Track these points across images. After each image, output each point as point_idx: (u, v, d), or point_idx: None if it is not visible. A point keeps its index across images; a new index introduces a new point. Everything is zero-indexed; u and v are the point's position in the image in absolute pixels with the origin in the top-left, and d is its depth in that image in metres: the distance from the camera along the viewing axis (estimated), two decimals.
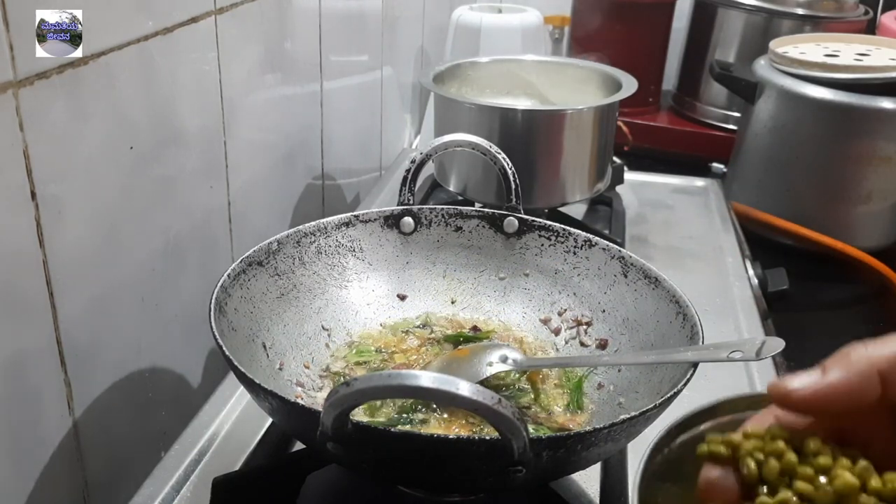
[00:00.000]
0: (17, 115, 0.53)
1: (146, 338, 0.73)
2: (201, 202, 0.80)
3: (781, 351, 0.52)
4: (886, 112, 1.20)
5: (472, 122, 0.98)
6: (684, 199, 1.23)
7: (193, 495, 0.63)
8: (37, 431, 0.60)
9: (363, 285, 0.76)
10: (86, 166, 0.61)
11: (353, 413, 0.46)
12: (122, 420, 0.71)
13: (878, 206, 1.27)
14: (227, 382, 0.76)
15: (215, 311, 0.59)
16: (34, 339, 0.59)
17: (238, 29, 0.81)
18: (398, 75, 1.43)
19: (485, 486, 0.55)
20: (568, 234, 0.75)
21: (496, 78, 1.13)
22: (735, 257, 1.04)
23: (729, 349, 0.54)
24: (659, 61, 1.73)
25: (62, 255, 0.59)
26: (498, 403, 0.43)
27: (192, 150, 0.77)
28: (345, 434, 0.47)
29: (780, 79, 1.28)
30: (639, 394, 0.63)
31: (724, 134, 1.61)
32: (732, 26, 1.61)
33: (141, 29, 0.65)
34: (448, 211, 0.78)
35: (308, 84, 1.03)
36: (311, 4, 1.00)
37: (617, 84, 1.04)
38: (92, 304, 0.64)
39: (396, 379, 0.44)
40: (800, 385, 0.32)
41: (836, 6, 1.55)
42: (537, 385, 0.68)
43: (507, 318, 0.76)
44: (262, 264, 0.68)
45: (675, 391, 0.53)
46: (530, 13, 1.40)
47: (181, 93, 0.73)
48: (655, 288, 0.67)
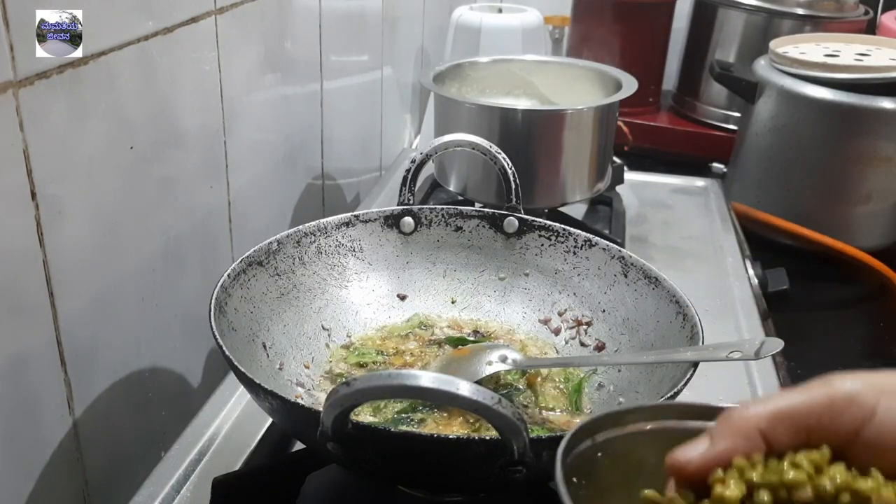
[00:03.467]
0: (18, 115, 0.53)
1: (146, 337, 0.73)
2: (201, 202, 0.80)
3: (781, 351, 0.52)
4: (886, 112, 1.20)
5: (472, 122, 0.98)
6: (684, 199, 1.23)
7: (193, 495, 0.63)
8: (37, 431, 0.60)
9: (363, 285, 0.76)
10: (86, 166, 0.61)
11: (358, 413, 0.46)
12: (122, 420, 0.71)
13: (878, 206, 1.27)
14: (227, 382, 0.76)
15: (215, 310, 0.59)
16: (34, 339, 0.59)
17: (238, 29, 0.81)
18: (398, 75, 1.43)
19: (485, 486, 0.55)
20: (568, 234, 0.75)
21: (496, 78, 1.13)
22: (735, 257, 1.04)
23: (728, 349, 0.54)
24: (659, 61, 1.72)
25: (62, 255, 0.59)
26: (498, 403, 0.43)
27: (192, 150, 0.77)
28: (345, 434, 0.47)
29: (780, 79, 1.28)
30: (639, 394, 0.64)
31: (724, 134, 1.60)
32: (732, 26, 1.60)
33: (141, 29, 0.65)
34: (448, 211, 0.78)
35: (308, 84, 1.03)
36: (311, 4, 1.00)
37: (617, 84, 1.04)
38: (92, 303, 0.64)
39: (396, 379, 0.44)
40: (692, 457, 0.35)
41: (836, 6, 1.55)
42: (536, 385, 0.68)
43: (507, 318, 0.76)
44: (262, 264, 0.68)
45: (675, 391, 0.53)
46: (530, 13, 1.40)
47: (181, 93, 0.73)
48: (655, 288, 0.67)
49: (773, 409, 0.35)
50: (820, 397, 0.34)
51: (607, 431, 0.39)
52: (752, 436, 0.34)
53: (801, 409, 0.34)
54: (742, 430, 0.35)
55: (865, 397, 0.34)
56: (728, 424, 0.35)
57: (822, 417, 0.34)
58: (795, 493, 0.33)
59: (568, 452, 0.37)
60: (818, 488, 0.33)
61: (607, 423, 0.39)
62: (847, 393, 0.34)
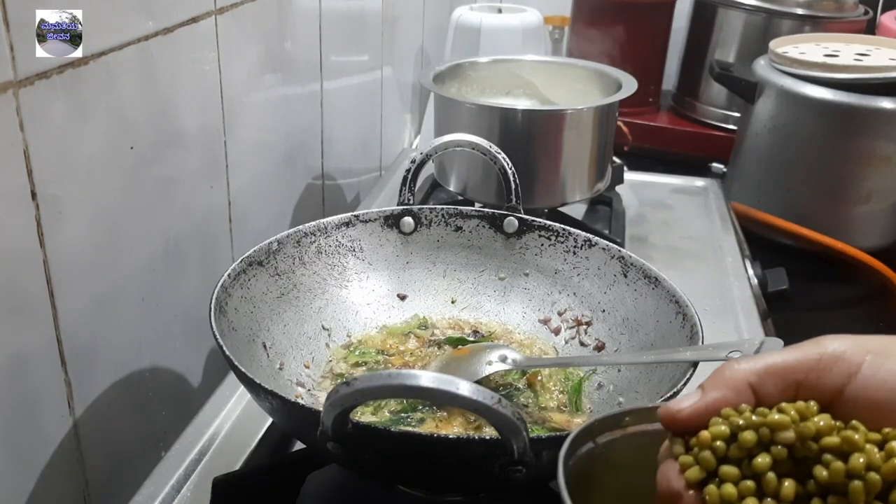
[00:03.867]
0: (18, 115, 0.53)
1: (146, 337, 0.73)
2: (201, 202, 0.80)
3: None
4: (886, 112, 1.20)
5: (472, 122, 0.98)
6: (684, 199, 1.23)
7: (193, 495, 0.63)
8: (37, 431, 0.60)
9: (363, 285, 0.76)
10: (86, 166, 0.61)
11: (359, 412, 0.46)
12: (122, 420, 0.71)
13: (878, 206, 1.27)
14: (227, 382, 0.76)
15: (215, 310, 0.59)
16: (34, 339, 0.59)
17: (238, 29, 0.81)
18: (398, 75, 1.43)
19: (485, 486, 0.55)
20: (568, 234, 0.75)
21: (496, 78, 1.13)
22: (735, 257, 1.04)
23: (728, 349, 0.54)
24: (659, 61, 1.72)
25: (62, 255, 0.59)
26: (498, 403, 0.43)
27: (192, 150, 0.77)
28: (345, 434, 0.47)
29: (780, 79, 1.28)
30: (639, 393, 0.64)
31: (724, 134, 1.60)
32: (732, 26, 1.61)
33: (141, 29, 0.65)
34: (448, 211, 0.78)
35: (308, 84, 1.03)
36: (311, 4, 1.00)
37: (617, 84, 1.04)
38: (92, 303, 0.64)
39: (396, 379, 0.44)
40: (683, 406, 0.36)
41: (836, 6, 1.55)
42: (536, 385, 0.68)
43: (506, 318, 0.77)
44: (262, 264, 0.68)
45: (675, 391, 0.53)
46: (530, 13, 1.40)
47: (181, 93, 0.73)
48: (655, 288, 0.67)
49: (764, 364, 0.36)
50: (810, 354, 0.36)
51: (608, 433, 0.39)
52: (742, 388, 0.36)
53: (791, 365, 0.36)
54: (732, 382, 0.36)
55: (852, 355, 0.35)
56: (719, 377, 0.36)
57: (811, 373, 0.35)
58: (779, 434, 0.33)
59: (570, 455, 0.37)
60: (801, 431, 0.33)
61: (608, 425, 0.39)
62: (835, 351, 0.35)
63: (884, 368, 0.34)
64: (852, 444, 0.32)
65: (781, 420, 0.33)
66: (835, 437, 0.33)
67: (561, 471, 0.35)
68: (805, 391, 0.35)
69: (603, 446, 0.39)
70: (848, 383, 0.35)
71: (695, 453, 0.35)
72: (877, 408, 0.34)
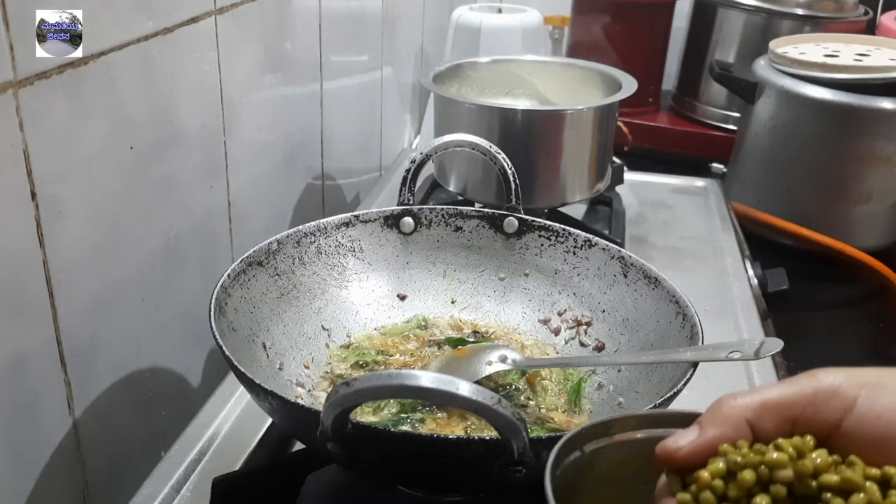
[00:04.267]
0: (17, 115, 0.53)
1: (146, 337, 0.73)
2: (201, 202, 0.80)
3: (780, 351, 0.52)
4: (886, 112, 1.20)
5: (472, 122, 0.98)
6: (684, 199, 1.23)
7: (193, 495, 0.63)
8: (37, 431, 0.60)
9: (363, 285, 0.76)
10: (86, 166, 0.61)
11: (359, 412, 0.46)
12: (122, 420, 0.71)
13: (877, 206, 1.27)
14: (227, 382, 0.76)
15: (215, 311, 0.59)
16: (34, 339, 0.59)
17: (238, 29, 0.81)
18: (398, 75, 1.43)
19: (485, 486, 0.55)
20: (568, 234, 0.75)
21: (496, 78, 1.13)
22: (735, 257, 1.04)
23: (728, 349, 0.54)
24: (659, 61, 1.72)
25: (62, 255, 0.59)
26: (498, 403, 0.43)
27: (192, 150, 0.77)
28: (345, 434, 0.47)
29: (780, 79, 1.28)
30: (639, 394, 0.64)
31: (724, 134, 1.60)
32: (732, 26, 1.60)
33: (141, 29, 0.65)
34: (448, 211, 0.78)
35: (308, 84, 1.03)
36: (311, 4, 1.00)
37: (617, 84, 1.04)
38: (92, 303, 0.64)
39: (396, 379, 0.44)
40: (682, 444, 0.36)
41: (836, 6, 1.55)
42: (536, 385, 0.68)
43: (506, 318, 0.76)
44: (262, 264, 0.68)
45: (675, 391, 0.53)
46: (530, 13, 1.40)
47: (181, 93, 0.73)
48: (655, 288, 0.67)
49: (761, 400, 0.36)
50: (805, 389, 0.36)
51: (595, 442, 0.39)
52: (740, 425, 0.36)
53: (788, 400, 0.36)
54: (730, 418, 0.36)
55: (847, 389, 0.35)
56: (717, 413, 0.36)
57: (807, 409, 0.35)
58: (777, 473, 0.33)
59: (557, 465, 0.37)
60: (799, 469, 0.33)
61: (595, 433, 0.39)
62: (830, 385, 0.35)
63: (878, 403, 0.35)
64: (851, 484, 0.33)
65: (779, 459, 0.33)
66: (833, 475, 0.33)
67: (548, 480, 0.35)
68: (802, 426, 0.35)
69: (590, 455, 0.39)
70: (844, 418, 0.35)
71: (693, 491, 0.34)
72: (873, 442, 0.34)
